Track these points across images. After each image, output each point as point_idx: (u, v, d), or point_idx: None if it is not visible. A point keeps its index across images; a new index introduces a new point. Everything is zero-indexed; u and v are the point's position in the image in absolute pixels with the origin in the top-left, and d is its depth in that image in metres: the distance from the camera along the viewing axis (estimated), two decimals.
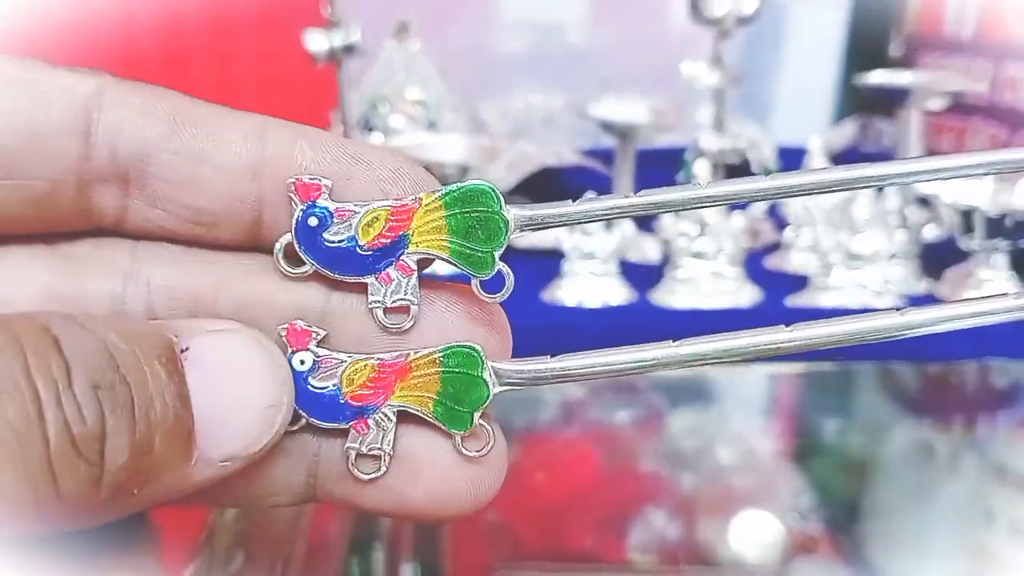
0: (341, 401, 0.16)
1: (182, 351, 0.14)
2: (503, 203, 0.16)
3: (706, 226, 0.48)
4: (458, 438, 0.16)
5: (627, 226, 0.52)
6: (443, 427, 0.16)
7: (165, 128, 0.15)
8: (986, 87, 0.67)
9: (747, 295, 0.48)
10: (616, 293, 0.48)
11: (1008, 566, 0.48)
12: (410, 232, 0.16)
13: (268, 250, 0.16)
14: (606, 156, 0.59)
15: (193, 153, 0.15)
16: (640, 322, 0.46)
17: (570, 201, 0.16)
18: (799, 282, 0.50)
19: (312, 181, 0.15)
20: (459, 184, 0.16)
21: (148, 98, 0.15)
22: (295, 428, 0.16)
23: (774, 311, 0.48)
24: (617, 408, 0.50)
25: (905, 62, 0.75)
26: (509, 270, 0.16)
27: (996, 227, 0.48)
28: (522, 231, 0.16)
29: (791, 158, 0.60)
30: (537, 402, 0.51)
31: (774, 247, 0.57)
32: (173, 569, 0.38)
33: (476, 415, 0.16)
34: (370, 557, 0.41)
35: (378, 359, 0.16)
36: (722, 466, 0.49)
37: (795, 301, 0.49)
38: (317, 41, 0.52)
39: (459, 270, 0.16)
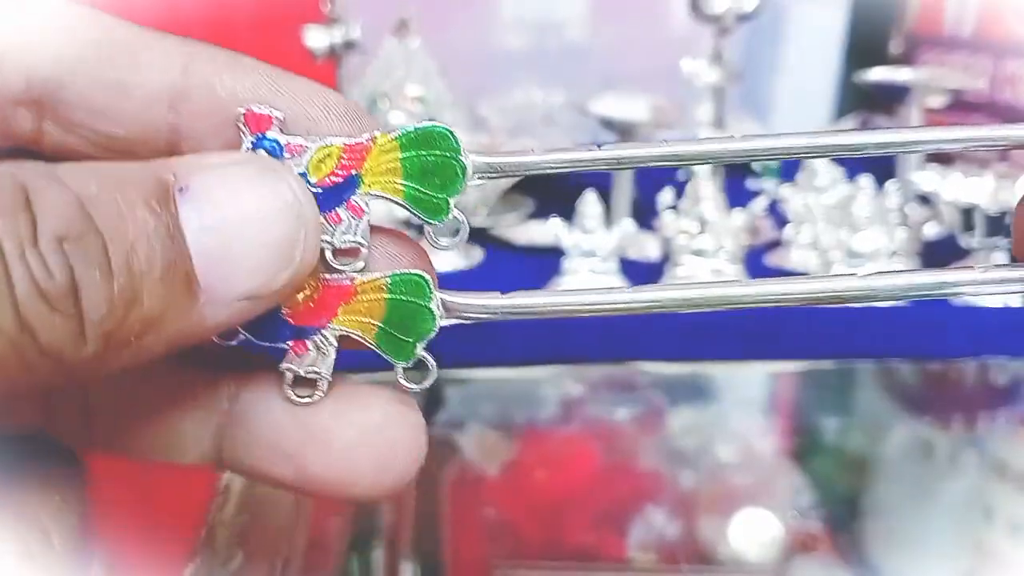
0: (281, 319, 0.15)
1: (180, 190, 0.13)
2: (462, 147, 0.15)
3: (706, 224, 0.48)
4: (400, 369, 0.15)
5: (627, 224, 0.52)
6: (384, 356, 0.15)
7: (84, 54, 0.14)
8: (986, 84, 0.67)
9: None
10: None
11: (1007, 563, 0.48)
12: (363, 172, 0.15)
13: None
14: None
15: (110, 82, 0.14)
16: (640, 319, 0.46)
17: (531, 151, 0.16)
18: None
19: (263, 112, 0.15)
20: (417, 125, 0.15)
21: (73, 20, 0.14)
22: (232, 343, 0.15)
23: (773, 309, 0.48)
24: (617, 405, 0.50)
25: (905, 59, 0.75)
26: (463, 216, 0.16)
27: (996, 225, 0.48)
28: (480, 179, 0.15)
29: None
30: (537, 399, 0.51)
31: (774, 244, 0.57)
32: (173, 568, 0.38)
33: (420, 346, 0.15)
34: (370, 555, 0.41)
35: (325, 279, 0.15)
36: (722, 464, 0.49)
37: None
38: (317, 37, 0.52)
39: (412, 214, 0.15)
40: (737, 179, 0.59)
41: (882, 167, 0.62)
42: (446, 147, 0.15)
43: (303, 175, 0.15)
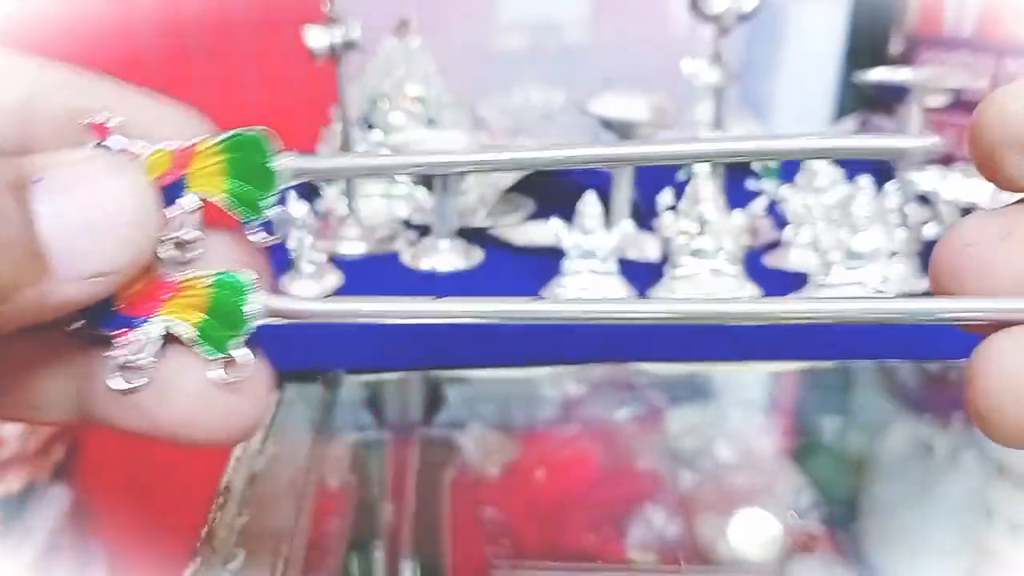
0: (111, 309, 0.16)
1: (34, 180, 0.15)
2: (272, 152, 0.17)
3: (706, 224, 0.48)
4: (215, 363, 0.17)
5: (627, 224, 0.52)
6: (202, 349, 0.17)
7: None
8: (987, 84, 0.67)
9: (746, 293, 0.48)
10: (615, 291, 0.48)
11: (1007, 563, 0.48)
12: (189, 174, 0.17)
13: None
14: None
15: None
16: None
17: (343, 154, 0.17)
18: (799, 280, 0.50)
19: (102, 120, 0.16)
20: (235, 132, 0.17)
21: None
22: (73, 327, 0.16)
23: None
24: (616, 405, 0.50)
25: (905, 59, 0.75)
26: (280, 209, 0.17)
27: None
28: (296, 180, 0.17)
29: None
30: (537, 400, 0.51)
31: (774, 245, 0.57)
32: (173, 568, 0.38)
33: (236, 341, 0.17)
34: (370, 555, 0.41)
35: (156, 275, 0.17)
36: (721, 464, 0.49)
37: None
38: (317, 37, 0.52)
39: (232, 212, 0.17)
40: (737, 180, 0.59)
41: (882, 167, 0.62)
42: (259, 152, 0.17)
43: None
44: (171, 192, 0.17)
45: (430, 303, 0.17)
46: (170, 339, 0.17)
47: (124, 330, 0.16)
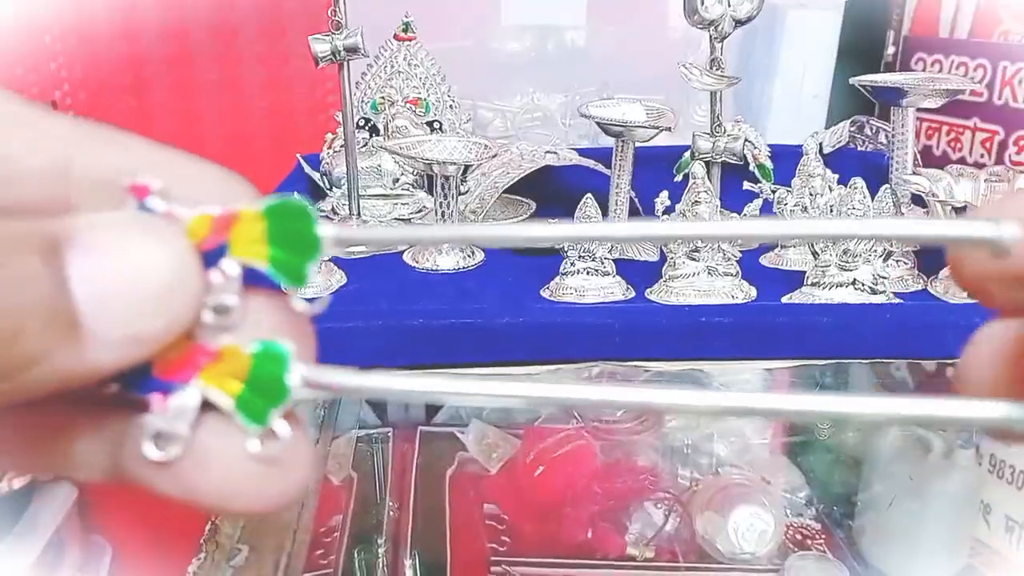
0: (149, 374, 0.16)
1: (69, 241, 0.14)
2: (316, 221, 0.16)
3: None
4: (254, 434, 0.16)
5: None
6: (240, 420, 0.16)
7: None
8: (981, 87, 0.68)
9: (743, 293, 0.49)
10: (614, 291, 0.49)
11: (1003, 561, 0.48)
12: (230, 240, 0.16)
13: None
14: (605, 156, 0.60)
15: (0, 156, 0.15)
16: (637, 319, 0.47)
17: (379, 224, 0.17)
18: (795, 280, 0.51)
19: (144, 182, 0.16)
20: (278, 199, 0.16)
21: None
22: (111, 391, 0.16)
23: (770, 309, 0.49)
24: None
25: (901, 62, 0.76)
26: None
27: None
28: (337, 249, 0.17)
29: (787, 158, 0.60)
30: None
31: (770, 245, 0.57)
32: (178, 563, 0.38)
33: (275, 413, 0.16)
34: (372, 551, 0.42)
35: (195, 338, 0.16)
36: (719, 461, 0.50)
37: (791, 299, 0.49)
38: (320, 42, 0.53)
39: (275, 279, 0.16)
40: (733, 181, 0.59)
41: (876, 169, 0.62)
42: (303, 219, 0.16)
43: None
44: (212, 257, 0.16)
45: (474, 382, 0.16)
46: (208, 406, 0.16)
47: (160, 396, 0.16)
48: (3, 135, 0.15)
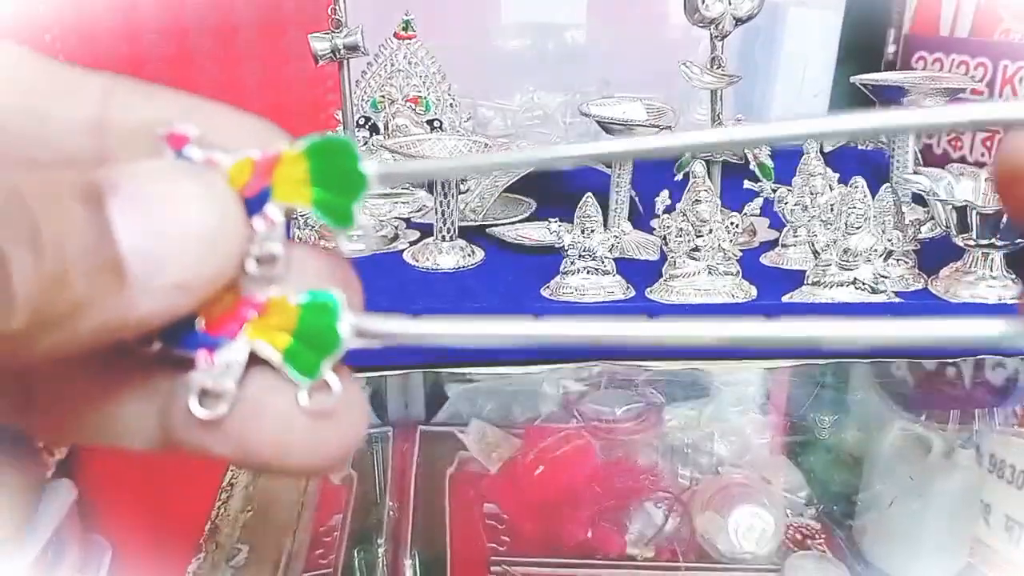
0: (194, 328, 0.15)
1: (111, 188, 0.14)
2: (360, 157, 0.16)
3: (703, 224, 0.48)
4: (304, 388, 0.15)
5: (625, 224, 0.52)
6: (290, 373, 0.15)
7: (11, 87, 0.15)
8: (982, 85, 0.68)
9: (743, 292, 0.49)
10: (614, 290, 0.49)
11: (1003, 560, 0.48)
12: (273, 183, 0.16)
13: None
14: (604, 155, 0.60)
15: (35, 111, 0.15)
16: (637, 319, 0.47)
17: (425, 157, 0.17)
18: (795, 279, 0.51)
19: (180, 131, 0.16)
20: (320, 137, 0.16)
21: (2, 59, 0.16)
22: (152, 349, 0.15)
23: (770, 308, 0.49)
24: (615, 402, 0.51)
25: (901, 61, 0.75)
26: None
27: (992, 225, 0.48)
28: (383, 186, 0.16)
29: (787, 157, 0.60)
30: (536, 396, 0.51)
31: (770, 244, 0.57)
32: (178, 562, 0.38)
33: (326, 365, 0.15)
34: (372, 550, 0.42)
35: (240, 290, 0.15)
36: (719, 460, 0.50)
37: (791, 298, 0.49)
38: (320, 40, 0.53)
39: (321, 221, 0.16)
40: (734, 180, 0.59)
41: (877, 168, 0.62)
42: (346, 156, 0.16)
43: None
44: (255, 204, 0.16)
45: (529, 323, 0.16)
46: (255, 360, 0.15)
47: (206, 351, 0.15)
48: (39, 93, 0.16)
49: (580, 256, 0.49)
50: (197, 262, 0.14)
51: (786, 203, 0.56)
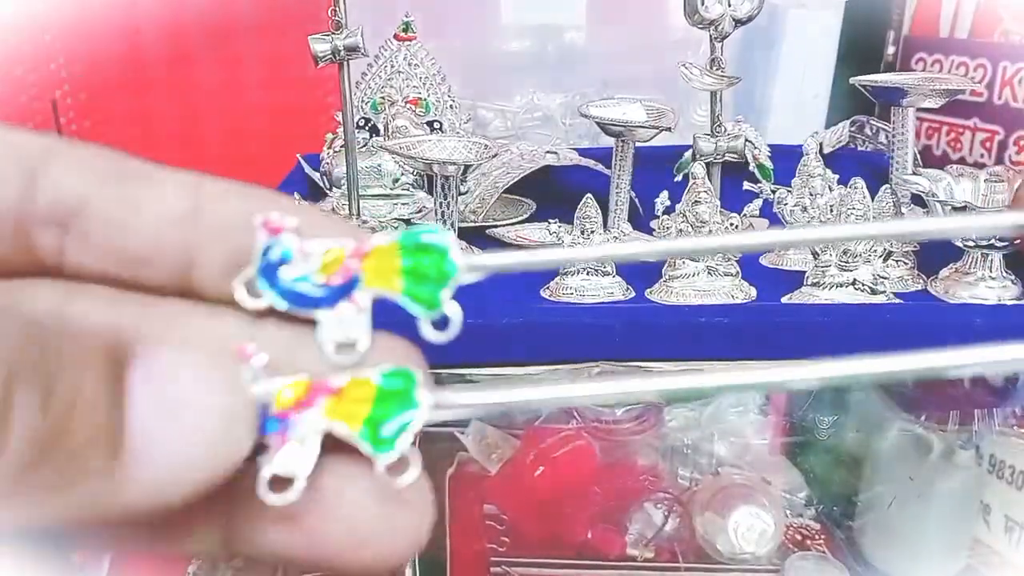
0: (267, 412, 0.15)
1: (136, 362, 0.14)
2: (452, 249, 0.16)
3: (703, 225, 0.49)
4: (381, 464, 0.15)
5: (625, 226, 0.52)
6: (367, 448, 0.15)
7: (103, 178, 0.16)
8: (981, 87, 0.68)
9: (743, 293, 0.49)
10: (614, 291, 0.49)
11: (1003, 561, 0.48)
12: (365, 272, 0.16)
13: (198, 295, 0.16)
14: (605, 156, 0.60)
15: (127, 200, 0.16)
16: (637, 319, 0.47)
17: (518, 251, 0.17)
18: (795, 280, 0.51)
19: (279, 220, 0.16)
20: (415, 229, 0.16)
21: (90, 153, 0.16)
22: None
23: (770, 309, 0.49)
24: (616, 404, 0.51)
25: (901, 62, 0.76)
26: (458, 309, 0.16)
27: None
28: (469, 277, 0.17)
29: (787, 158, 0.60)
30: None
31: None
32: (176, 566, 0.38)
33: (403, 439, 0.15)
34: None
35: (314, 382, 0.15)
36: (719, 461, 0.50)
37: (790, 299, 0.49)
38: (320, 41, 0.53)
39: (409, 310, 0.16)
40: (734, 181, 0.59)
41: (876, 169, 0.62)
42: (439, 250, 0.16)
43: (309, 275, 0.16)
44: (344, 289, 0.16)
45: (597, 384, 0.16)
46: (329, 448, 0.15)
47: (279, 435, 0.15)
48: (131, 184, 0.16)
49: None
50: (193, 468, 0.14)
51: (786, 204, 0.56)
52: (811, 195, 0.54)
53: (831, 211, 0.50)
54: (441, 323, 0.17)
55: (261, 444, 0.15)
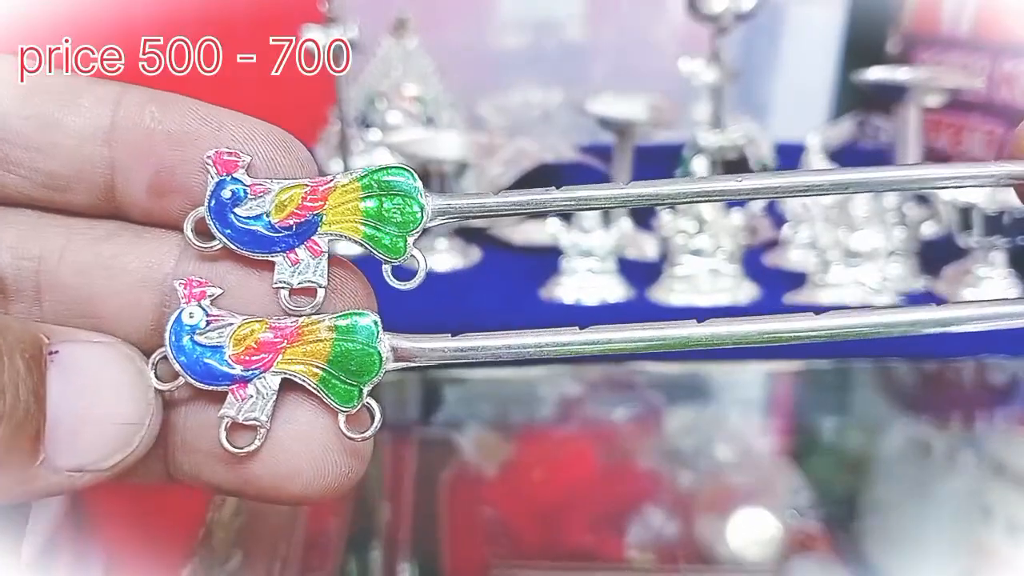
0: (224, 363, 0.15)
1: (50, 353, 0.14)
2: (422, 190, 0.15)
3: (704, 223, 0.48)
4: (341, 417, 0.15)
5: (625, 224, 0.52)
6: (328, 401, 0.15)
7: (17, 96, 0.15)
8: (983, 84, 0.67)
9: (745, 292, 0.49)
10: (614, 290, 0.49)
11: (1006, 563, 0.48)
12: (323, 212, 0.15)
13: (122, 215, 0.16)
14: (604, 152, 0.59)
15: (45, 118, 0.15)
16: (638, 319, 0.47)
17: (489, 193, 0.16)
18: (797, 279, 0.50)
19: (231, 155, 0.15)
20: (378, 167, 0.15)
21: (7, 66, 0.15)
22: (171, 388, 0.15)
23: (772, 308, 0.48)
24: (615, 405, 0.50)
25: (903, 59, 0.75)
26: (422, 256, 0.16)
27: (994, 224, 0.48)
28: (439, 220, 0.16)
29: (789, 155, 0.60)
30: (535, 399, 0.51)
31: (772, 244, 0.57)
32: (171, 567, 0.38)
33: (365, 391, 0.15)
34: (368, 554, 0.41)
35: (271, 322, 0.15)
36: (720, 464, 0.49)
37: (793, 298, 0.49)
38: (315, 37, 0.52)
39: (372, 253, 0.15)
40: None
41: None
42: (406, 188, 0.15)
43: (265, 215, 0.15)
44: (301, 231, 0.15)
45: (576, 334, 0.15)
46: (287, 390, 0.15)
47: (238, 386, 0.15)
48: (49, 102, 0.15)
49: (580, 256, 0.48)
50: (107, 451, 0.14)
51: (787, 202, 0.55)
52: None
53: (834, 209, 0.49)
54: (404, 272, 0.16)
55: (215, 392, 0.15)
